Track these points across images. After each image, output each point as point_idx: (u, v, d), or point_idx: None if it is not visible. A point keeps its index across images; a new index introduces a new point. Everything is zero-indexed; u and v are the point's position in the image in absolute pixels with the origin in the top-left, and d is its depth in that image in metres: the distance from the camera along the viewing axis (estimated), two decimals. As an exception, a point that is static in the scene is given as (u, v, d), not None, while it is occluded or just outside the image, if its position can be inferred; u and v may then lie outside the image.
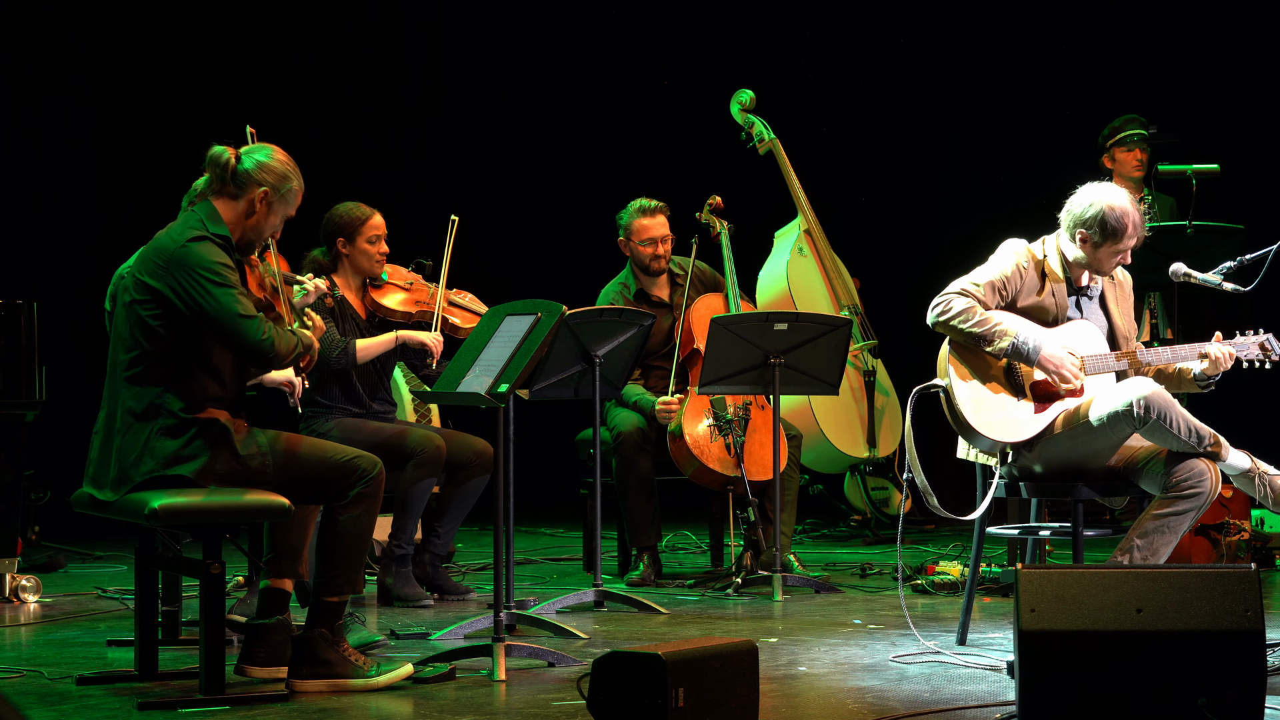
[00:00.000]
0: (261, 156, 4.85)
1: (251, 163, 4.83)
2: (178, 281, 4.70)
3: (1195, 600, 4.13)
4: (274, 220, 4.87)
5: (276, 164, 4.85)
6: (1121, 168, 8.38)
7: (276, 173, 4.84)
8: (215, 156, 4.83)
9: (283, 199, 4.85)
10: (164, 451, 4.71)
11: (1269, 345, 5.47)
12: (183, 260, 4.71)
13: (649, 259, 7.33)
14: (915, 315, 5.57)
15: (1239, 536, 7.01)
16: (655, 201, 7.35)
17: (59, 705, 4.71)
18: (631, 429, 7.06)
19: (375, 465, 4.91)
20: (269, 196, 4.83)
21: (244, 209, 4.83)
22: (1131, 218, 5.33)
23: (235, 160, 4.82)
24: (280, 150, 4.90)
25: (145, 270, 4.77)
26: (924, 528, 8.74)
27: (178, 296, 4.70)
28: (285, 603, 5.01)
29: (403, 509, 6.43)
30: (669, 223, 7.35)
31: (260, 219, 4.84)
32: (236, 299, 4.70)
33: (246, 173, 4.81)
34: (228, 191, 4.83)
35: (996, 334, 5.27)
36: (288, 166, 4.87)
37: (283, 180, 4.84)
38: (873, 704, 4.58)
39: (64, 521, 7.96)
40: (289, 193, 4.86)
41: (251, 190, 4.81)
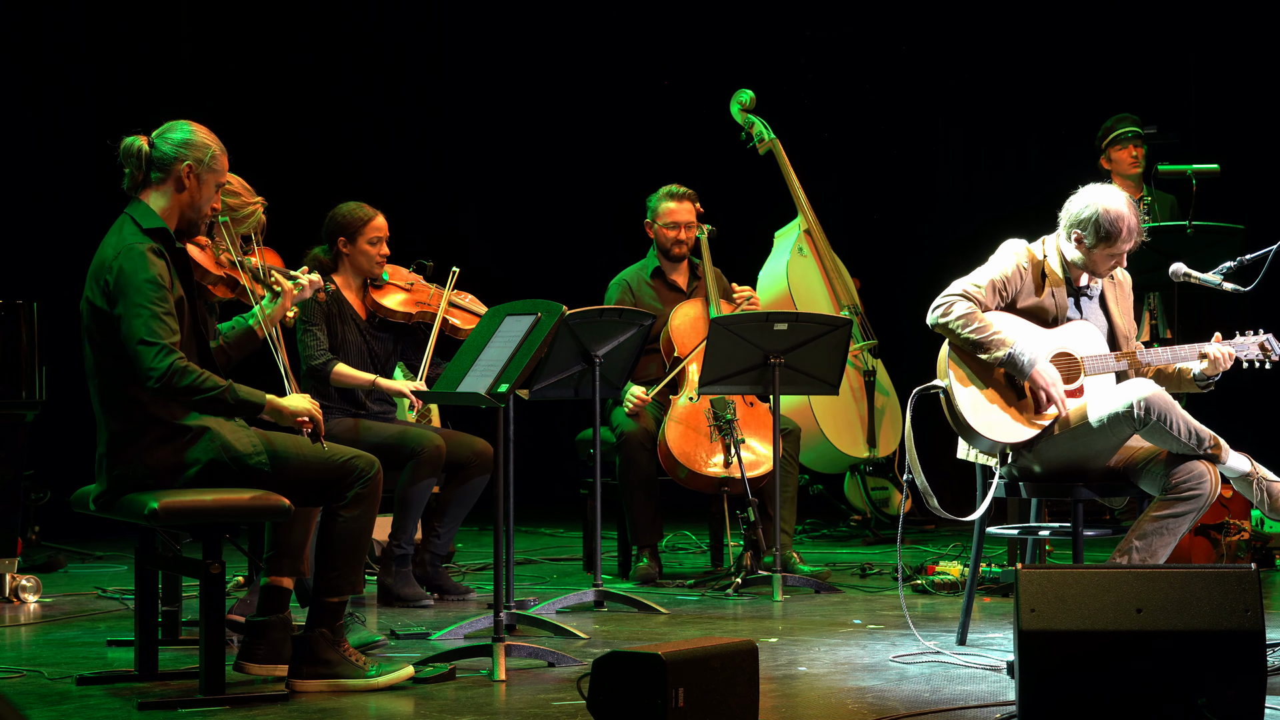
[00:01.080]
0: (174, 135, 4.80)
1: (166, 144, 4.79)
2: (111, 292, 4.67)
3: (1195, 600, 4.13)
4: (207, 192, 4.82)
5: (193, 136, 4.80)
6: (1118, 167, 8.39)
7: (195, 144, 4.79)
8: (127, 148, 4.79)
9: (209, 168, 4.80)
10: (160, 465, 4.70)
11: (1269, 345, 5.47)
12: (118, 278, 4.67)
13: (670, 243, 7.39)
14: (915, 315, 5.57)
15: (1239, 536, 7.01)
16: (683, 188, 7.40)
17: (59, 705, 4.71)
18: (635, 428, 7.07)
19: (373, 465, 4.91)
20: (195, 169, 4.78)
21: (173, 190, 4.78)
22: (1126, 221, 5.32)
23: (149, 146, 4.79)
24: (191, 122, 4.85)
25: (96, 293, 4.73)
26: (924, 528, 8.74)
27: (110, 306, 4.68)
28: (285, 600, 5.01)
29: (403, 509, 6.43)
30: (695, 209, 7.39)
31: (193, 193, 4.80)
32: (144, 322, 4.62)
33: (164, 155, 4.77)
34: (152, 180, 4.79)
35: (994, 343, 5.27)
36: (203, 135, 4.83)
37: (203, 149, 4.80)
38: (873, 704, 4.58)
39: (64, 521, 7.96)
40: (213, 159, 4.81)
41: (175, 169, 4.77)
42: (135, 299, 4.64)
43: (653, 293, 7.40)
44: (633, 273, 7.48)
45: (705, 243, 7.41)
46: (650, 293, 7.40)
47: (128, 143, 4.80)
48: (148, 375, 4.62)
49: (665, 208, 7.40)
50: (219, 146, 4.84)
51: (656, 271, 7.45)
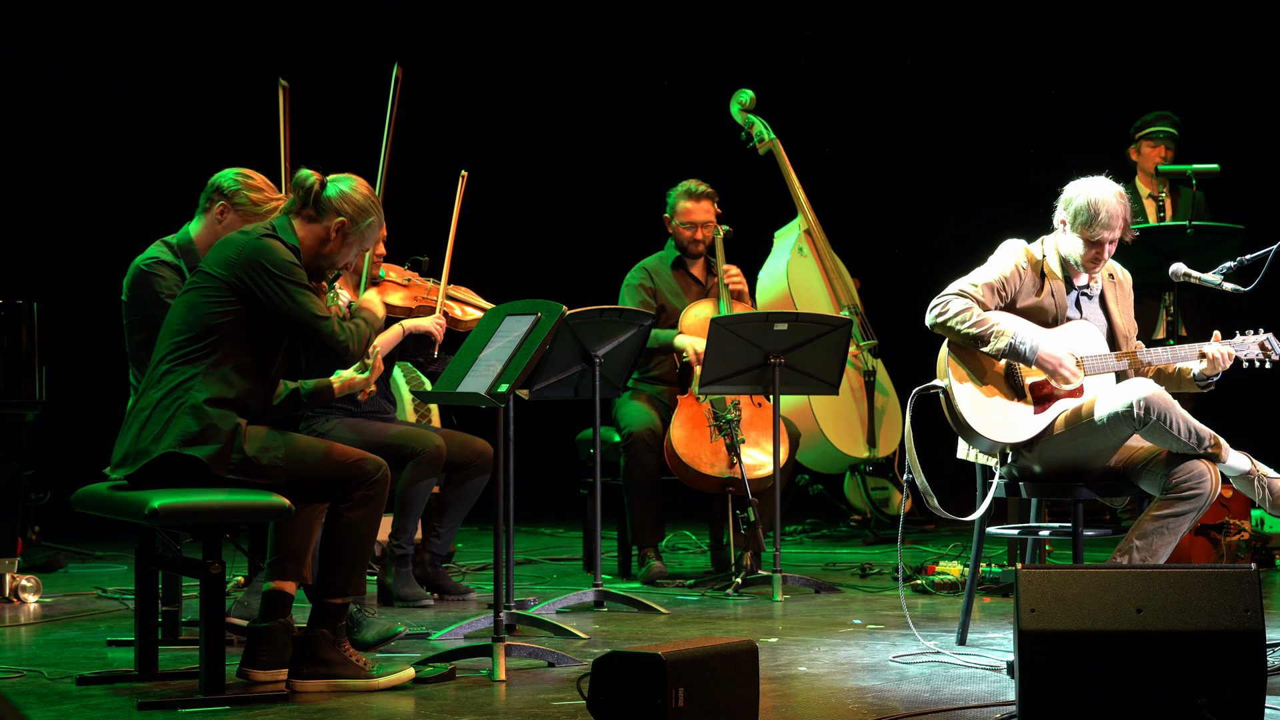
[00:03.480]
0: (345, 187, 4.90)
1: (334, 190, 4.89)
2: (251, 276, 4.77)
3: (1195, 600, 4.13)
4: (347, 253, 4.93)
5: (359, 196, 4.90)
6: (1145, 162, 8.37)
7: (357, 205, 4.89)
8: (301, 179, 4.91)
9: (359, 233, 4.91)
10: (184, 430, 4.72)
11: (1269, 345, 5.47)
12: (255, 256, 4.78)
13: (687, 241, 7.41)
14: (915, 315, 5.57)
15: (1239, 536, 7.01)
16: (703, 186, 7.40)
17: (59, 705, 4.71)
18: (642, 429, 7.07)
19: (380, 467, 4.91)
20: (345, 228, 4.88)
21: (320, 234, 4.89)
22: (1107, 208, 5.31)
23: (320, 186, 4.89)
24: (364, 183, 4.95)
25: (213, 262, 4.83)
26: (924, 528, 8.74)
27: (249, 289, 4.77)
28: (288, 606, 5.00)
29: (403, 509, 6.43)
30: (714, 208, 7.40)
31: (334, 248, 4.90)
32: (312, 300, 4.80)
33: (328, 199, 4.88)
34: (306, 214, 4.90)
35: (994, 334, 5.27)
36: (369, 201, 4.93)
37: (362, 214, 4.90)
38: (873, 704, 4.58)
39: (64, 521, 7.96)
40: (368, 228, 4.92)
41: (329, 218, 4.87)
42: (291, 279, 4.77)
43: (674, 284, 7.41)
44: (654, 261, 7.48)
45: (720, 243, 7.42)
46: (671, 283, 7.41)
47: (304, 173, 4.92)
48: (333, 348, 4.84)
49: (683, 206, 7.40)
50: (379, 217, 4.95)
51: (677, 262, 7.47)
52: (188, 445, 4.72)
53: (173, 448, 4.71)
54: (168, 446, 4.72)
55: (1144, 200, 8.23)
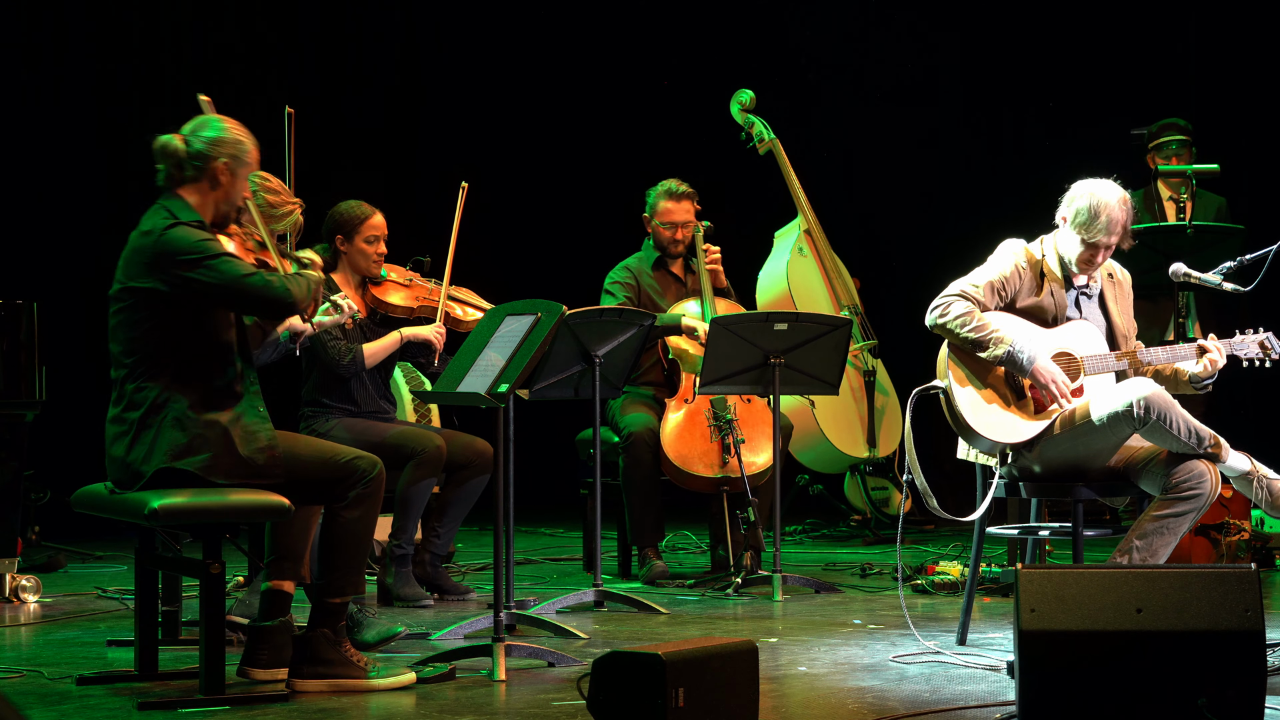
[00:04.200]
0: (208, 133, 4.85)
1: (202, 142, 4.83)
2: (168, 272, 4.70)
3: (1195, 600, 4.13)
4: (241, 184, 4.89)
5: (227, 133, 4.86)
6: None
7: (229, 140, 4.84)
8: (163, 147, 4.84)
9: (243, 162, 4.86)
10: (172, 444, 4.71)
11: (1269, 344, 5.47)
12: (166, 249, 4.71)
13: (667, 242, 7.40)
14: (915, 315, 5.57)
15: (1239, 536, 7.01)
16: (684, 186, 7.39)
17: (59, 705, 4.71)
18: (642, 429, 7.07)
19: (375, 466, 4.91)
20: (230, 165, 4.84)
21: (209, 186, 4.83)
22: (1108, 211, 5.31)
23: (185, 144, 4.83)
24: (224, 118, 4.91)
25: (131, 275, 4.75)
26: (924, 528, 8.74)
27: (173, 287, 4.70)
28: (287, 604, 5.01)
29: (403, 509, 6.43)
30: (694, 209, 7.39)
31: (228, 188, 4.85)
32: (233, 263, 4.73)
33: (200, 153, 4.82)
34: (188, 177, 4.83)
35: (993, 341, 5.27)
36: (236, 129, 4.89)
37: (237, 144, 4.85)
38: (873, 704, 4.58)
39: (64, 521, 7.96)
40: (246, 153, 4.87)
41: (211, 165, 4.82)
42: (206, 254, 4.70)
43: (655, 284, 7.41)
44: (634, 262, 7.47)
45: (699, 239, 7.41)
46: (653, 284, 7.41)
47: (163, 141, 4.85)
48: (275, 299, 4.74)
49: (663, 206, 7.40)
50: (251, 140, 4.91)
51: (658, 263, 7.46)
52: (179, 459, 4.70)
53: (164, 463, 4.70)
54: (159, 463, 4.70)
55: (1164, 203, 8.22)
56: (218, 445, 4.72)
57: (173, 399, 4.72)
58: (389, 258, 6.58)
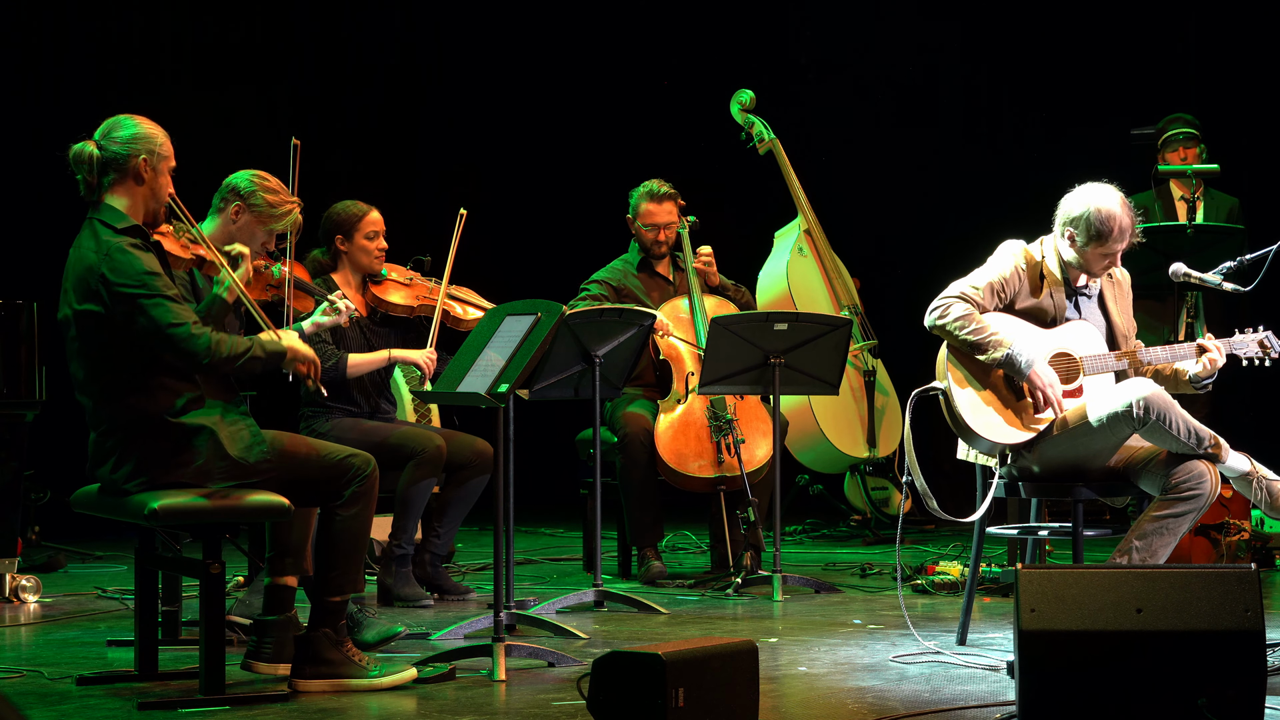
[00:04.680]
0: (122, 133, 4.77)
1: (115, 143, 4.76)
2: (108, 297, 4.63)
3: (1195, 600, 4.13)
4: (164, 179, 4.80)
5: (139, 129, 4.79)
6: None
7: (142, 136, 4.77)
8: (78, 155, 4.77)
9: (161, 156, 4.79)
10: (156, 460, 4.69)
11: (1268, 343, 5.47)
12: (107, 276, 4.64)
13: (650, 243, 7.39)
14: (915, 315, 5.57)
15: (1239, 536, 7.01)
16: (666, 187, 7.37)
17: (59, 705, 4.71)
18: (638, 429, 7.07)
19: (369, 464, 4.91)
20: (150, 161, 4.77)
21: (133, 184, 4.76)
22: (1118, 222, 5.31)
23: (99, 149, 4.76)
24: (132, 115, 4.84)
25: (80, 298, 4.69)
26: (924, 528, 8.74)
27: (110, 312, 4.64)
28: (290, 599, 5.01)
29: (403, 509, 6.43)
30: (677, 210, 7.38)
31: (151, 184, 4.77)
32: (166, 309, 4.62)
33: (116, 154, 4.75)
34: (109, 181, 4.76)
35: (991, 344, 5.27)
36: (148, 125, 4.81)
37: (151, 139, 4.78)
38: (873, 704, 4.58)
39: (64, 521, 7.96)
40: (161, 146, 4.79)
41: (131, 164, 4.75)
42: (142, 292, 4.62)
43: (640, 285, 7.40)
44: (614, 270, 7.44)
45: (686, 237, 7.40)
46: (638, 285, 7.40)
47: (77, 149, 4.77)
48: (193, 355, 4.62)
49: (645, 208, 7.38)
50: (162, 133, 4.82)
51: (643, 264, 7.45)
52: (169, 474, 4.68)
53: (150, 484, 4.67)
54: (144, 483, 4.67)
55: (1175, 202, 8.21)
56: (205, 451, 4.71)
57: (150, 413, 4.68)
58: (389, 257, 6.59)
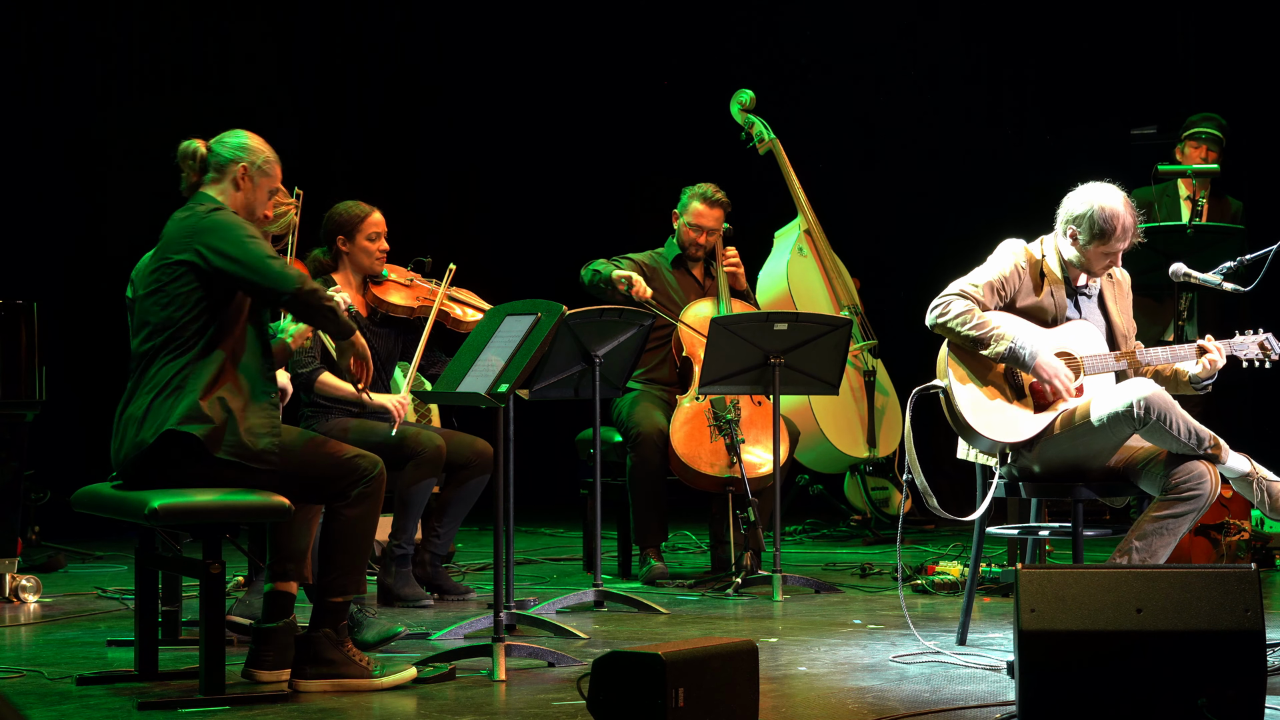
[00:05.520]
0: (231, 140, 4.96)
1: (223, 147, 4.93)
2: (208, 245, 4.78)
3: (1195, 600, 4.13)
4: (260, 195, 4.95)
5: (248, 141, 4.96)
6: (1187, 162, 8.34)
7: (249, 148, 4.94)
8: (185, 150, 4.95)
9: (262, 170, 4.94)
10: (178, 410, 4.72)
11: (1268, 344, 5.47)
12: (213, 226, 4.80)
13: (689, 243, 7.42)
14: (915, 315, 5.57)
15: (1239, 536, 7.01)
16: (720, 194, 7.41)
17: (59, 705, 4.71)
18: (651, 428, 7.07)
19: (376, 465, 4.91)
20: (249, 171, 4.92)
21: (230, 189, 4.92)
22: (1121, 220, 5.31)
23: (206, 150, 4.93)
24: (246, 131, 5.00)
25: (171, 250, 4.84)
26: (924, 528, 8.74)
27: (207, 260, 4.77)
28: (290, 605, 5.01)
29: (403, 509, 6.43)
30: (723, 219, 7.40)
31: (248, 194, 4.93)
32: (264, 245, 4.82)
33: (220, 157, 4.92)
34: (207, 180, 4.93)
35: (994, 338, 5.27)
36: (258, 141, 4.98)
37: (257, 153, 4.94)
38: (873, 704, 4.58)
39: (64, 521, 7.96)
40: (266, 163, 4.95)
41: (231, 169, 4.91)
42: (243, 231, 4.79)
43: (674, 282, 7.41)
44: (649, 257, 7.47)
45: (719, 243, 7.43)
46: (672, 280, 7.41)
47: (185, 145, 4.95)
48: (283, 278, 4.77)
49: (695, 208, 7.41)
50: (273, 154, 5.00)
51: (678, 261, 7.47)
52: (185, 422, 4.71)
53: (165, 426, 4.70)
54: (160, 426, 4.71)
55: (1182, 201, 8.21)
56: (221, 418, 4.74)
57: (193, 375, 4.75)
58: (389, 257, 6.59)
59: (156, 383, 4.78)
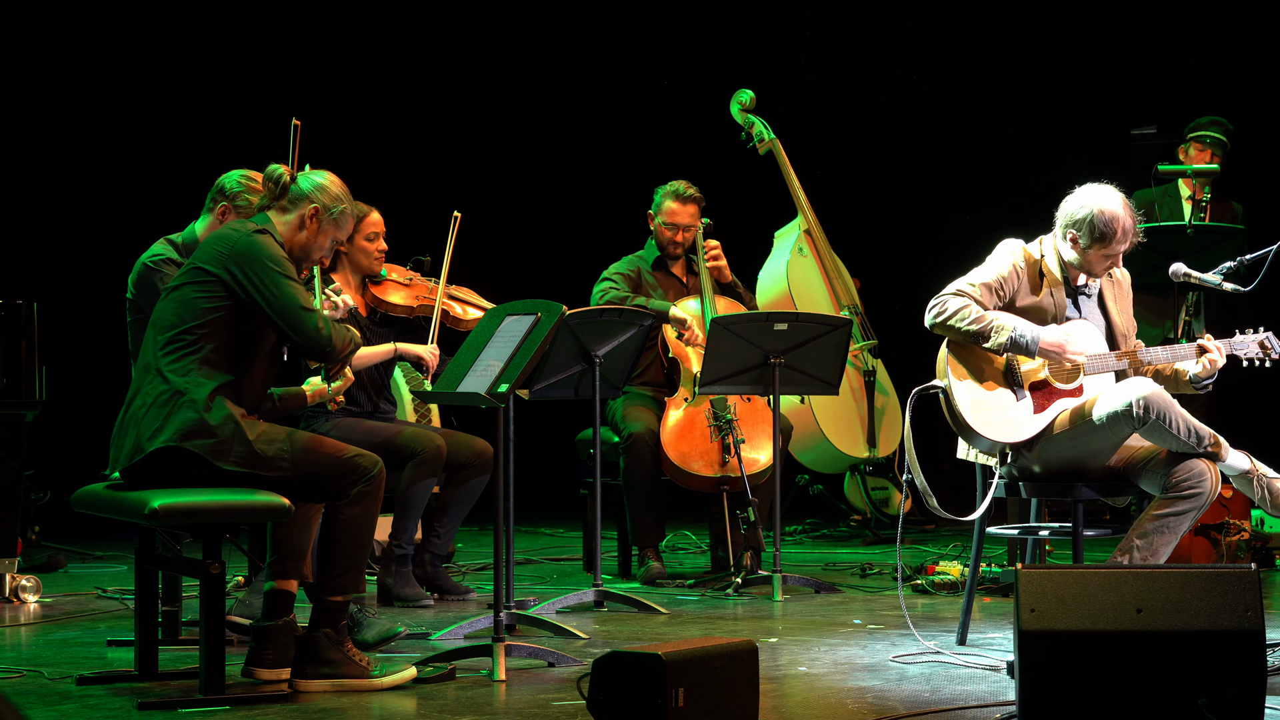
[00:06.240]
0: (316, 177, 4.99)
1: (305, 181, 4.97)
2: (241, 270, 4.79)
3: (1195, 600, 4.13)
4: (323, 241, 4.98)
5: (329, 184, 4.99)
6: (1190, 163, 8.33)
7: (329, 193, 4.97)
8: (270, 173, 4.99)
9: (333, 220, 4.97)
10: (183, 423, 4.72)
11: (1268, 343, 5.47)
12: (248, 250, 4.81)
13: (667, 242, 7.40)
14: (915, 315, 5.57)
15: (1239, 536, 7.01)
16: (691, 189, 7.39)
17: (59, 705, 4.71)
18: (643, 430, 7.07)
19: (376, 464, 4.92)
20: (319, 214, 4.95)
21: (295, 224, 4.94)
22: (1121, 223, 5.32)
23: (290, 179, 4.96)
24: (335, 176, 5.03)
25: (204, 258, 4.86)
26: (924, 528, 8.74)
27: (239, 284, 4.79)
28: (290, 604, 5.01)
29: (403, 509, 6.43)
30: (699, 214, 7.38)
31: (310, 236, 4.96)
32: (299, 290, 4.83)
33: (299, 189, 4.95)
34: (280, 205, 4.96)
35: (993, 330, 5.27)
36: (340, 189, 5.01)
37: (335, 201, 4.97)
38: (873, 704, 4.58)
39: (64, 521, 7.96)
40: (340, 215, 4.98)
41: (302, 206, 4.94)
42: (278, 270, 4.81)
43: (655, 283, 7.40)
44: (629, 264, 7.45)
45: (700, 238, 7.40)
46: (653, 282, 7.40)
47: (272, 168, 4.99)
48: (316, 338, 4.82)
49: (668, 206, 7.39)
50: (351, 206, 5.02)
51: (658, 262, 7.45)
52: (187, 439, 4.72)
53: (171, 441, 4.71)
54: (165, 440, 4.71)
55: (1184, 201, 8.21)
56: (227, 429, 4.74)
57: (193, 381, 4.75)
58: (389, 257, 6.59)
59: (160, 385, 4.78)
